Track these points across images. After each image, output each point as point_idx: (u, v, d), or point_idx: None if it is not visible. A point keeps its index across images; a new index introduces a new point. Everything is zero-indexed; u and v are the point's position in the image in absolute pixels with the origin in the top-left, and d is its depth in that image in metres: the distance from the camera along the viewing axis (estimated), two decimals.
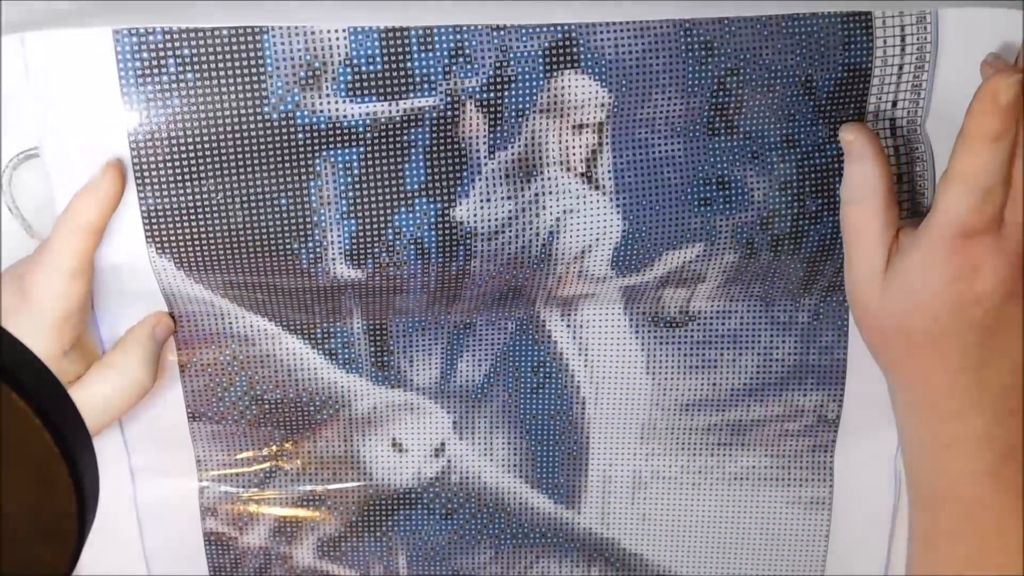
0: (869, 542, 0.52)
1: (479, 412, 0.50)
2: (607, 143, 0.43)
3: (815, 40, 0.44)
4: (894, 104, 0.45)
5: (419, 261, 0.43)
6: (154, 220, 0.40)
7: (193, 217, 0.40)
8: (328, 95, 0.40)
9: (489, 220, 0.43)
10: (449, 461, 0.50)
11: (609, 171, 0.43)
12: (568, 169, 0.43)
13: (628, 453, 0.51)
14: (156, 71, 0.38)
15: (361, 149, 0.41)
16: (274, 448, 0.49)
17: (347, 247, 0.42)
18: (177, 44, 0.38)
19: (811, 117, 0.45)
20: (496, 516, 0.51)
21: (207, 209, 0.40)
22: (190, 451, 0.49)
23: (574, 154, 0.43)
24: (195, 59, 0.39)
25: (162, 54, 0.38)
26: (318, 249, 0.42)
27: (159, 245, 0.41)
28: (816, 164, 0.45)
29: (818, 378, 0.50)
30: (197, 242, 0.41)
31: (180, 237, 0.41)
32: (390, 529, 0.51)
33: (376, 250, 0.42)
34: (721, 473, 0.51)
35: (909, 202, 0.46)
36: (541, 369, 0.49)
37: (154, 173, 0.39)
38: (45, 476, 0.22)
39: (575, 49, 0.41)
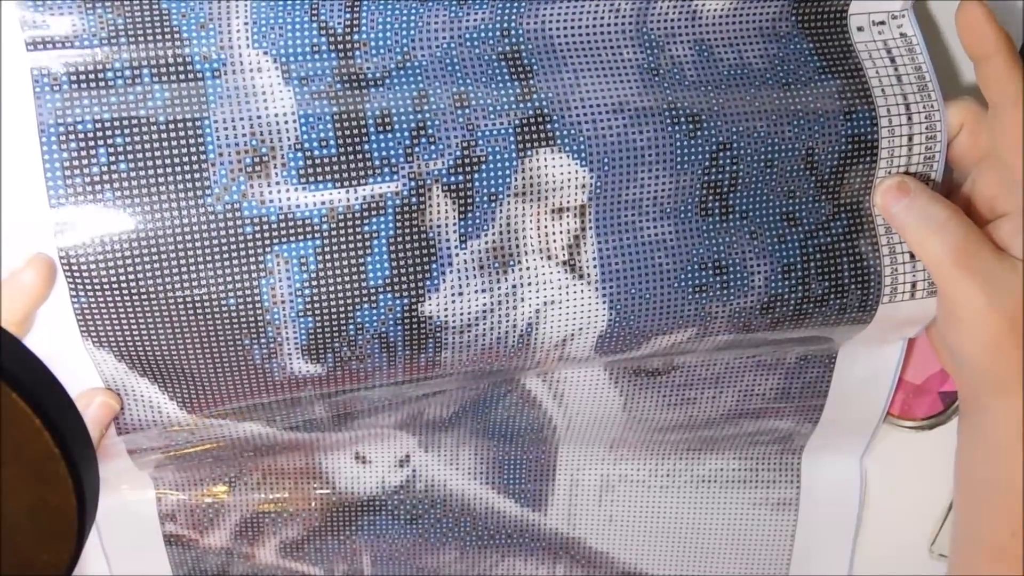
0: (834, 543, 0.51)
1: (446, 434, 0.47)
2: (590, 227, 0.39)
3: (812, 109, 0.40)
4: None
5: (384, 354, 0.39)
6: (88, 318, 0.36)
7: (132, 317, 0.36)
8: (278, 183, 0.36)
9: (461, 314, 0.39)
10: (414, 471, 0.48)
11: (594, 258, 0.39)
12: (549, 258, 0.39)
13: (596, 459, 0.49)
14: (85, 162, 0.35)
15: (318, 242, 0.37)
16: (232, 468, 0.47)
17: (304, 343, 0.38)
18: (109, 133, 0.35)
19: (813, 194, 0.41)
20: (462, 520, 0.49)
21: (146, 311, 0.36)
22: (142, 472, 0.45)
23: (555, 241, 0.39)
24: (128, 148, 0.35)
25: (91, 143, 0.35)
26: (272, 345, 0.37)
27: (96, 339, 0.36)
28: (821, 244, 0.41)
29: (797, 407, 0.47)
30: (137, 341, 0.37)
31: (118, 335, 0.36)
32: (354, 533, 0.49)
33: (336, 345, 0.38)
34: (689, 476, 0.50)
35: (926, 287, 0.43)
36: (513, 407, 0.46)
37: (85, 271, 0.35)
38: (45, 476, 0.23)
39: (549, 126, 0.38)
